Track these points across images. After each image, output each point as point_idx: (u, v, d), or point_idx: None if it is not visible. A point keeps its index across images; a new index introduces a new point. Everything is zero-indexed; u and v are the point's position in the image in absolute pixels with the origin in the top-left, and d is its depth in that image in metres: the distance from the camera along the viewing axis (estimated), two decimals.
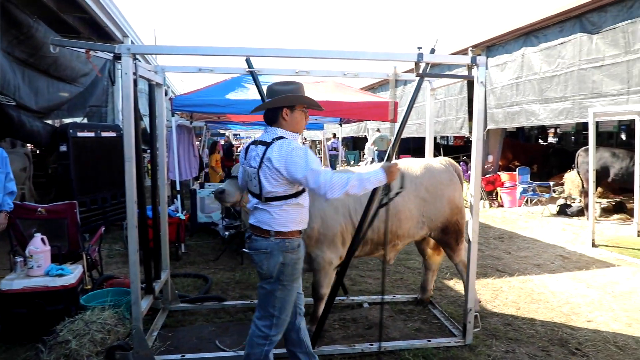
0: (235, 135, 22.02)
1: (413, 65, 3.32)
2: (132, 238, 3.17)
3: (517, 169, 10.83)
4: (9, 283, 3.56)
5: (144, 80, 3.76)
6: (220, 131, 16.54)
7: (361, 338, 3.67)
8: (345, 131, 18.69)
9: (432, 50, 3.41)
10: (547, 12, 8.74)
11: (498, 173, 11.47)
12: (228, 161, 13.23)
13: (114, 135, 7.77)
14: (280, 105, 2.59)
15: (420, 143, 4.75)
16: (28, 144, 9.99)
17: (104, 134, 7.62)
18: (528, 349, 3.55)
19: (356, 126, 18.98)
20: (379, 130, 16.26)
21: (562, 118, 8.76)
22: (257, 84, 3.70)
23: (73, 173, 6.83)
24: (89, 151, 7.20)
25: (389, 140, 3.59)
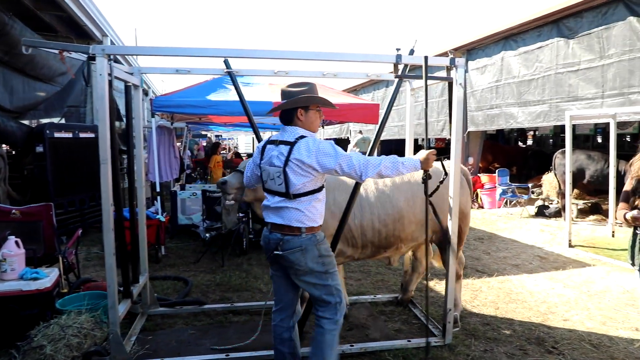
0: (217, 136, 21.83)
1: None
2: (109, 241, 3.13)
3: (497, 171, 10.99)
4: None
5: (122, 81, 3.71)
6: (202, 132, 16.39)
7: (342, 339, 3.66)
8: (328, 132, 18.71)
9: (411, 52, 3.45)
10: (526, 17, 8.93)
11: (478, 175, 11.63)
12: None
13: (92, 136, 7.61)
14: (294, 106, 2.67)
15: (402, 145, 4.76)
16: (3, 145, 9.73)
17: (82, 135, 7.48)
18: (506, 348, 3.60)
19: (338, 128, 19.04)
20: (361, 132, 16.31)
21: (540, 121, 8.94)
22: (235, 84, 3.68)
23: (50, 174, 6.68)
24: (66, 152, 7.06)
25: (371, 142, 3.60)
